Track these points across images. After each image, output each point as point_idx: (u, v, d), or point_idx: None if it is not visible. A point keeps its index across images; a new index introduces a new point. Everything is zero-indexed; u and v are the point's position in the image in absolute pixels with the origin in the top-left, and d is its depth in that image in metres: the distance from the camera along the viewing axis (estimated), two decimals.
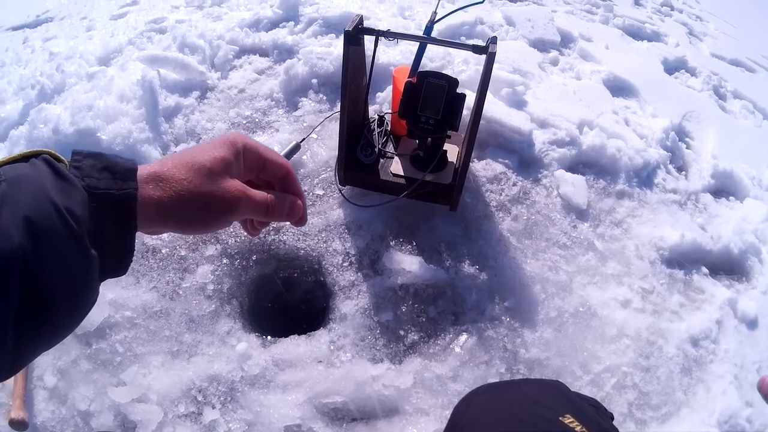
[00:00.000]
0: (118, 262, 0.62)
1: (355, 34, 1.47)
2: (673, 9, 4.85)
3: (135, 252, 0.64)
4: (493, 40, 1.45)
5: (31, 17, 3.54)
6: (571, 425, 0.83)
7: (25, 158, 0.58)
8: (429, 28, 1.61)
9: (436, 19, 1.63)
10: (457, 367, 1.52)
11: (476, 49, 1.47)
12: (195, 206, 0.65)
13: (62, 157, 0.60)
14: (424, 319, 1.60)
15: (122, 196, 0.59)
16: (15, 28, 3.42)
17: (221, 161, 0.67)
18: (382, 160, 1.77)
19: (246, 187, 0.70)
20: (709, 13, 5.46)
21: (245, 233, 0.84)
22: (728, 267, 2.09)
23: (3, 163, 0.57)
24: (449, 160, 1.76)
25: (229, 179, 0.68)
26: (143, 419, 1.36)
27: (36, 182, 0.55)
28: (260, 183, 0.76)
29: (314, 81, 2.19)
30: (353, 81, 1.56)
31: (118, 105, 1.91)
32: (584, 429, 0.83)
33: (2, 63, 2.85)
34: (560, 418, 0.85)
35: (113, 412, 1.37)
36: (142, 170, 0.61)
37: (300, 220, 0.79)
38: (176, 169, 0.64)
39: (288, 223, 0.93)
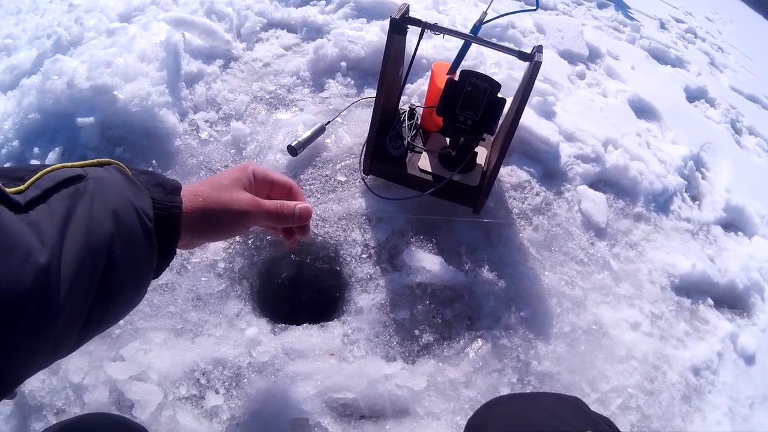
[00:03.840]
0: (159, 264, 0.76)
1: (401, 23, 1.43)
2: (696, 36, 4.89)
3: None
4: (539, 49, 1.41)
5: None
6: None
7: (99, 164, 0.71)
8: (477, 28, 1.57)
9: (486, 19, 1.60)
10: (470, 372, 1.49)
11: (522, 56, 1.43)
12: (218, 213, 0.83)
13: (126, 168, 0.75)
14: (440, 321, 1.57)
15: (172, 207, 0.75)
16: None
17: (236, 180, 0.89)
18: (410, 153, 1.73)
19: (257, 197, 0.91)
20: (731, 45, 5.51)
21: (285, 244, 1.10)
22: (732, 301, 2.10)
23: (82, 165, 0.68)
24: (478, 162, 1.73)
25: (243, 191, 0.89)
26: (141, 399, 1.29)
27: (115, 184, 0.68)
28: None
29: (343, 64, 2.15)
30: (391, 70, 1.52)
31: (138, 65, 1.86)
32: None
33: (18, 9, 2.79)
34: None
35: (108, 387, 1.31)
36: (184, 188, 0.80)
37: (304, 228, 1.05)
38: (205, 187, 0.84)
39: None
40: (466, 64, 2.23)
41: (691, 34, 4.87)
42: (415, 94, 2.10)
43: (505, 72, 2.23)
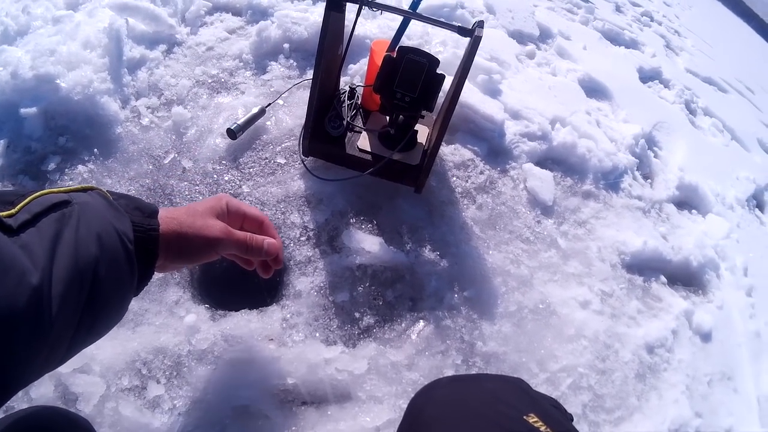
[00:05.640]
0: (138, 284, 0.79)
1: (338, 0, 1.40)
2: (652, 20, 4.94)
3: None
4: (480, 24, 1.39)
5: None
6: (535, 425, 0.80)
7: (83, 190, 0.74)
8: (416, 3, 1.55)
9: None
10: (412, 355, 1.47)
11: (462, 31, 1.40)
12: (191, 238, 0.87)
13: (107, 193, 0.78)
14: (381, 303, 1.54)
15: (150, 229, 0.79)
16: None
17: (210, 208, 0.94)
18: (349, 133, 1.71)
19: (229, 227, 0.95)
20: (688, 29, 5.57)
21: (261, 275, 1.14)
22: (686, 279, 2.11)
23: (67, 191, 0.71)
24: (419, 141, 1.71)
25: (216, 220, 0.93)
26: (85, 392, 1.26)
27: (97, 209, 0.72)
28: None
29: (286, 46, 2.10)
30: (329, 49, 1.49)
31: (81, 52, 1.80)
32: (548, 429, 0.79)
33: None
34: (524, 417, 0.82)
35: (54, 381, 1.27)
36: (161, 212, 0.84)
37: (277, 260, 1.09)
38: (180, 213, 0.88)
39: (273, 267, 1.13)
40: (411, 43, 2.21)
41: (647, 17, 4.91)
42: (358, 74, 2.07)
43: (451, 50, 2.21)
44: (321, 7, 2.24)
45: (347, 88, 1.81)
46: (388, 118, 1.66)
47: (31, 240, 0.60)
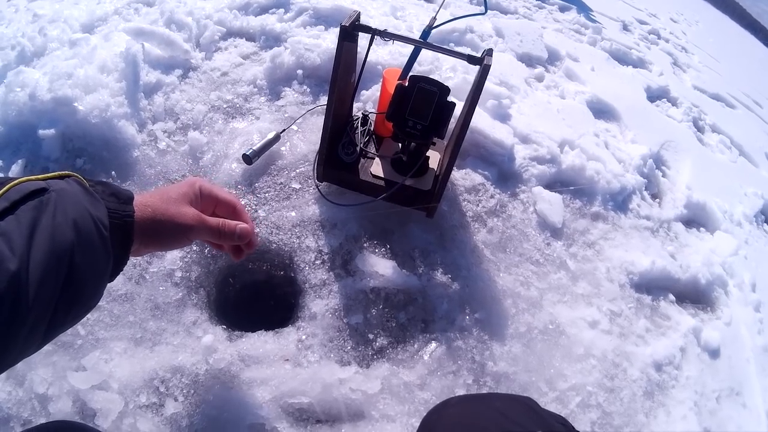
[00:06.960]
0: (114, 269, 0.81)
1: (351, 30, 1.44)
2: (659, 38, 4.95)
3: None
4: (489, 53, 1.43)
5: None
6: None
7: (60, 177, 0.75)
8: (426, 33, 1.59)
9: (435, 24, 1.61)
10: (424, 375, 1.50)
11: (471, 60, 1.44)
12: (165, 224, 0.89)
13: (84, 180, 0.79)
14: (393, 325, 1.58)
15: (125, 216, 0.81)
16: None
17: (183, 195, 0.95)
18: (362, 159, 1.74)
19: (202, 214, 0.97)
20: (695, 45, 5.58)
21: (232, 258, 1.14)
22: (695, 296, 2.13)
23: (44, 178, 0.73)
24: (430, 166, 1.74)
25: (189, 207, 0.95)
26: (103, 408, 1.29)
27: (74, 195, 0.73)
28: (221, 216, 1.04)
29: (299, 72, 2.15)
30: (343, 77, 1.53)
31: (98, 76, 1.84)
32: None
33: None
34: None
35: (72, 397, 1.30)
36: (136, 198, 0.85)
37: (249, 244, 1.09)
38: (155, 199, 0.89)
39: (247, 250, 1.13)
40: (422, 69, 2.25)
41: (654, 35, 4.95)
42: (370, 100, 2.11)
43: (461, 76, 2.25)
44: (333, 34, 2.29)
45: (360, 115, 1.85)
46: (400, 144, 1.70)
47: (9, 228, 0.62)
